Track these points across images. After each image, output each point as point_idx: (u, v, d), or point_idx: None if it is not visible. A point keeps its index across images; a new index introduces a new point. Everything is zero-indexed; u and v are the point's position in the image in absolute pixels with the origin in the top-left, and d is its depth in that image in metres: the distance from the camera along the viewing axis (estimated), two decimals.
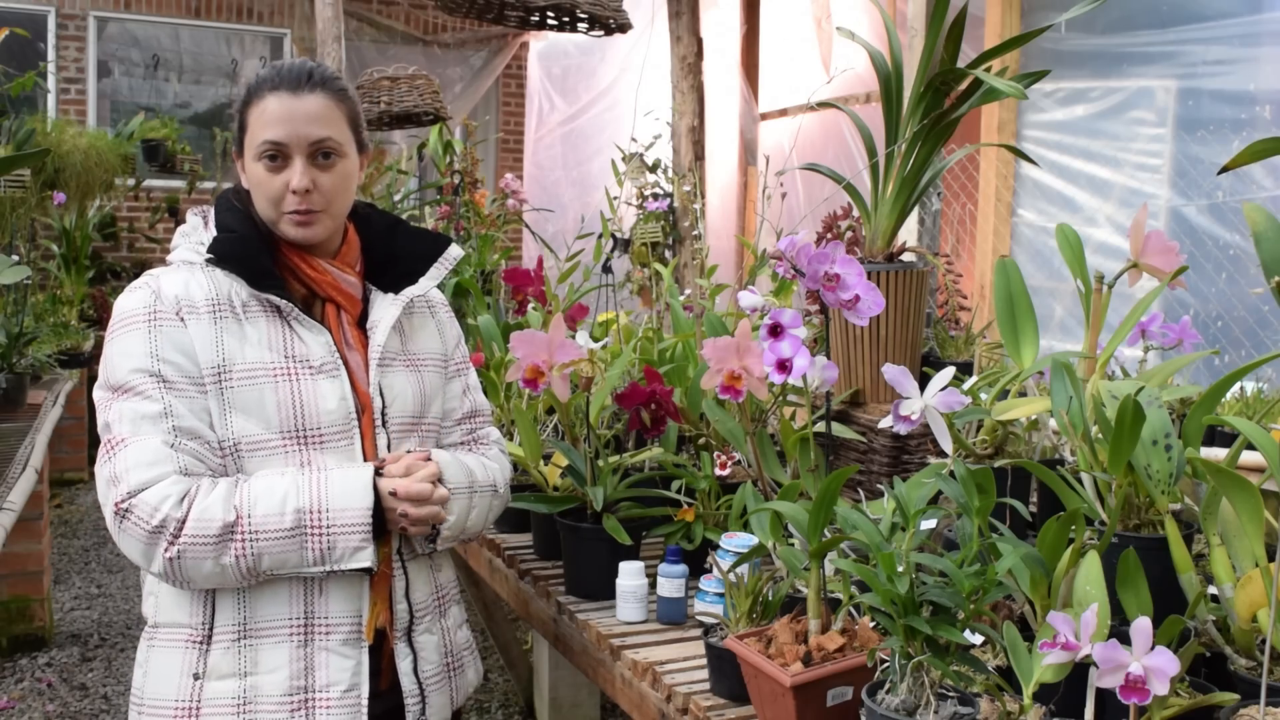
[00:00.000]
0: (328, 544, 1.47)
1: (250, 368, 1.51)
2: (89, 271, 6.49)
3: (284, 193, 1.53)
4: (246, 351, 1.51)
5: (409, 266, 1.68)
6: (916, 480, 1.35)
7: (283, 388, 1.52)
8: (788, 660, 1.33)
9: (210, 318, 1.51)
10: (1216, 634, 1.26)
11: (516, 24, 4.27)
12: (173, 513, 1.42)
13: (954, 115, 2.25)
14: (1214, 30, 3.66)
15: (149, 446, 1.44)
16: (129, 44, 7.46)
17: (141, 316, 1.50)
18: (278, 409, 1.51)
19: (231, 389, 1.50)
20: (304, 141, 1.52)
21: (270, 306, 1.55)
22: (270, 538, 1.45)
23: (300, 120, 1.52)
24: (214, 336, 1.50)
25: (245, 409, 1.50)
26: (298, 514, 1.46)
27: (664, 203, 5.00)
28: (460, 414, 1.74)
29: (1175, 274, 1.55)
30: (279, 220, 1.55)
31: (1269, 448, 1.21)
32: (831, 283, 1.51)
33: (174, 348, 1.48)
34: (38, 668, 3.74)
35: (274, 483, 1.47)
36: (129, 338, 1.49)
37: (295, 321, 1.55)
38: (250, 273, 1.53)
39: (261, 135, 1.52)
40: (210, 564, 1.44)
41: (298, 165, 1.52)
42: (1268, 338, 3.29)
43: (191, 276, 1.54)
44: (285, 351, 1.53)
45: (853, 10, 5.41)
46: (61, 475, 5.92)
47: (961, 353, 2.73)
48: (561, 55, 7.77)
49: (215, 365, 1.49)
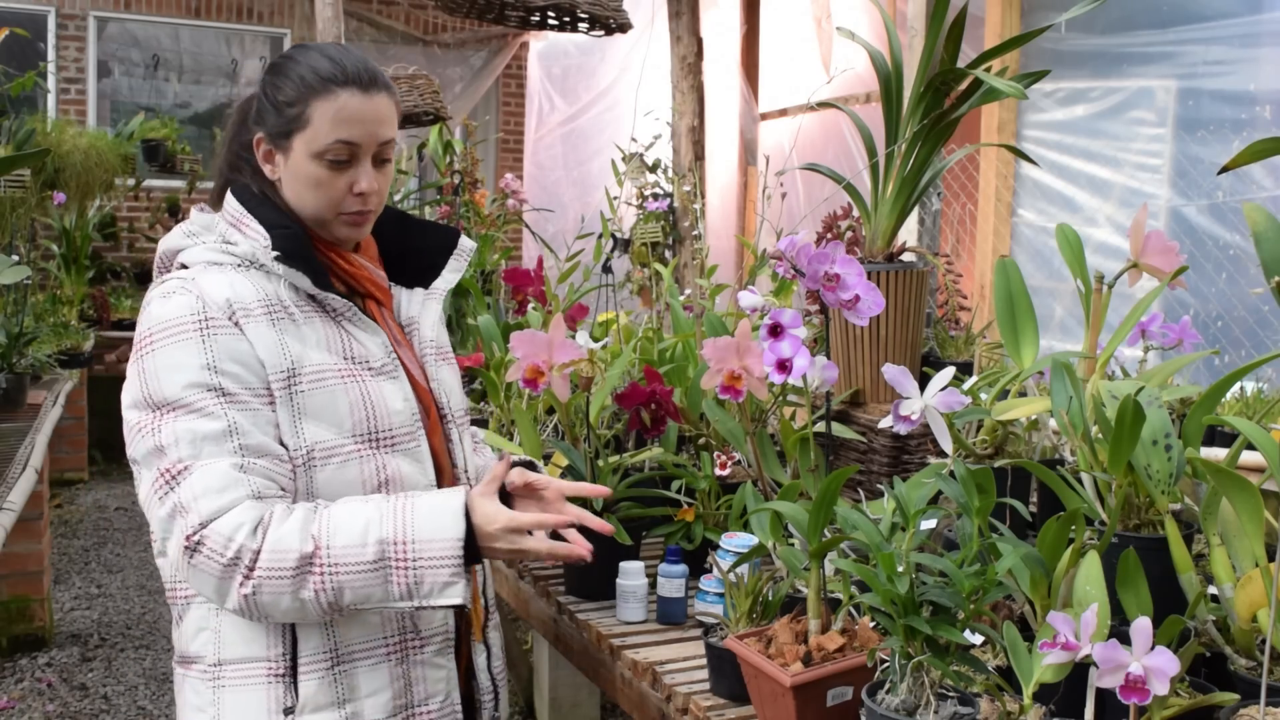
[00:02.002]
0: (414, 578, 1.33)
1: (318, 369, 1.41)
2: (89, 271, 6.49)
3: (345, 194, 1.45)
4: (310, 354, 1.41)
5: (427, 260, 1.62)
6: (916, 480, 1.36)
7: (352, 389, 1.42)
8: (788, 660, 1.33)
9: (267, 319, 1.40)
10: (1216, 634, 1.26)
11: (516, 24, 4.26)
12: (248, 543, 1.30)
13: (954, 115, 2.25)
14: (1214, 30, 3.66)
15: (216, 470, 1.31)
16: (129, 44, 7.46)
17: (190, 324, 1.36)
18: (350, 412, 1.41)
19: (302, 393, 1.39)
20: (374, 143, 1.45)
21: (321, 308, 1.46)
22: (351, 571, 1.32)
23: (372, 121, 1.44)
24: (276, 339, 1.39)
25: (317, 414, 1.40)
26: (381, 545, 1.32)
27: (664, 203, 5.00)
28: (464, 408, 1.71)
29: (1175, 274, 1.55)
30: (332, 221, 1.47)
31: (1269, 448, 1.21)
32: (831, 283, 1.51)
33: (232, 357, 1.36)
34: (38, 668, 3.74)
35: (355, 510, 1.35)
36: (177, 349, 1.35)
37: (349, 322, 1.47)
38: (314, 271, 1.44)
39: (334, 134, 1.42)
40: (289, 599, 1.32)
41: (365, 167, 1.45)
42: (1268, 338, 3.29)
43: (235, 277, 1.42)
44: (344, 353, 1.45)
45: (853, 10, 5.41)
46: (61, 475, 5.91)
47: (961, 353, 2.73)
48: (561, 55, 7.77)
49: (283, 369, 1.38)
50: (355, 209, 1.46)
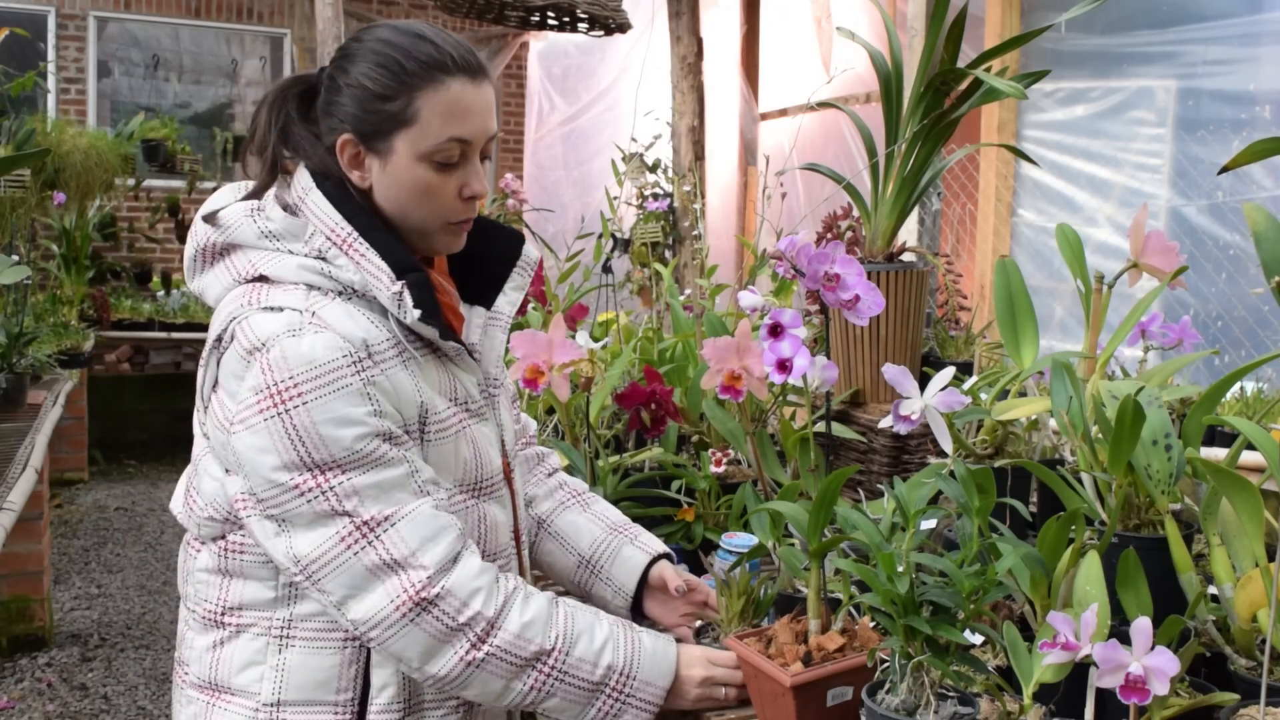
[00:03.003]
0: (616, 710, 1.30)
1: (443, 417, 1.30)
2: (89, 271, 6.49)
3: (455, 200, 1.28)
4: (434, 398, 1.29)
5: (490, 272, 1.43)
6: (916, 480, 1.35)
7: (463, 439, 1.32)
8: (788, 660, 1.33)
9: (399, 361, 1.26)
10: (1216, 634, 1.26)
11: (516, 24, 4.27)
12: (485, 610, 1.22)
13: (954, 115, 2.25)
14: (1214, 30, 3.66)
15: (422, 518, 1.22)
16: (129, 44, 7.46)
17: (345, 368, 1.20)
18: (464, 464, 1.32)
19: (430, 442, 1.28)
20: (484, 139, 1.28)
21: (430, 346, 1.31)
22: (574, 683, 1.27)
23: (484, 113, 1.26)
24: (411, 383, 1.26)
25: (439, 464, 1.29)
26: (609, 671, 1.29)
27: (664, 203, 5.00)
28: (517, 428, 1.57)
29: (1175, 274, 1.55)
30: (438, 231, 1.30)
31: (1269, 448, 1.21)
32: (831, 283, 1.51)
33: (388, 400, 1.23)
34: (38, 668, 3.74)
35: (596, 624, 1.30)
36: (338, 400, 1.19)
37: (452, 362, 1.34)
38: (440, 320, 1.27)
39: (447, 130, 1.24)
40: (502, 683, 1.25)
41: (475, 167, 1.28)
42: (1268, 338, 3.29)
43: (349, 309, 1.25)
44: (452, 395, 1.32)
45: (853, 10, 5.41)
46: (61, 475, 5.91)
47: (961, 353, 2.73)
48: (561, 55, 7.77)
49: (419, 415, 1.27)
50: (463, 217, 1.30)
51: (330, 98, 1.27)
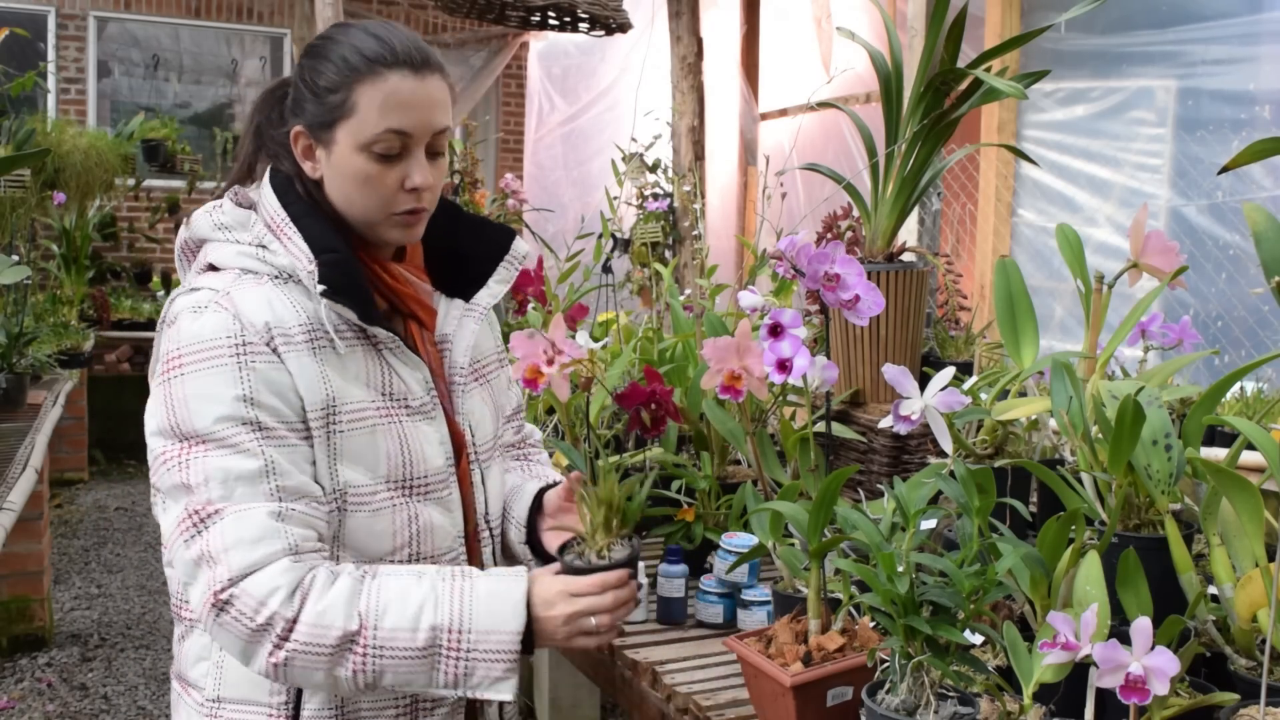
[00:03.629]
0: (464, 669, 1.23)
1: (358, 408, 1.28)
2: (89, 271, 6.50)
3: (396, 191, 1.29)
4: (351, 389, 1.28)
5: (475, 268, 1.45)
6: (916, 480, 1.35)
7: (389, 432, 1.30)
8: (788, 660, 1.33)
9: (308, 348, 1.26)
10: (1216, 634, 1.26)
11: (517, 24, 4.27)
12: (282, 610, 1.18)
13: (954, 115, 2.25)
14: (1214, 30, 3.66)
15: (252, 520, 1.19)
16: (129, 44, 7.46)
17: (225, 348, 1.22)
18: (386, 458, 1.29)
19: (340, 433, 1.26)
20: (428, 132, 1.29)
21: (364, 336, 1.31)
22: (397, 655, 1.21)
23: (425, 107, 1.28)
24: (317, 370, 1.25)
25: (354, 457, 1.27)
26: (434, 632, 1.22)
27: (664, 203, 5.00)
28: (510, 408, 1.58)
29: (1175, 274, 1.55)
30: (382, 222, 1.32)
31: (1269, 448, 1.21)
32: (831, 283, 1.51)
33: (270, 389, 1.22)
34: (38, 668, 3.74)
35: (408, 588, 1.23)
36: (211, 376, 1.21)
37: (391, 354, 1.33)
38: (361, 303, 1.28)
39: (383, 122, 1.26)
40: (323, 674, 1.21)
41: (419, 159, 1.29)
42: (1268, 338, 3.29)
43: (272, 294, 1.27)
44: (383, 388, 1.31)
45: (853, 10, 5.41)
46: (61, 475, 5.91)
47: (961, 353, 2.73)
48: (561, 55, 7.77)
49: (323, 405, 1.25)
50: (408, 207, 1.31)
51: (292, 95, 1.34)
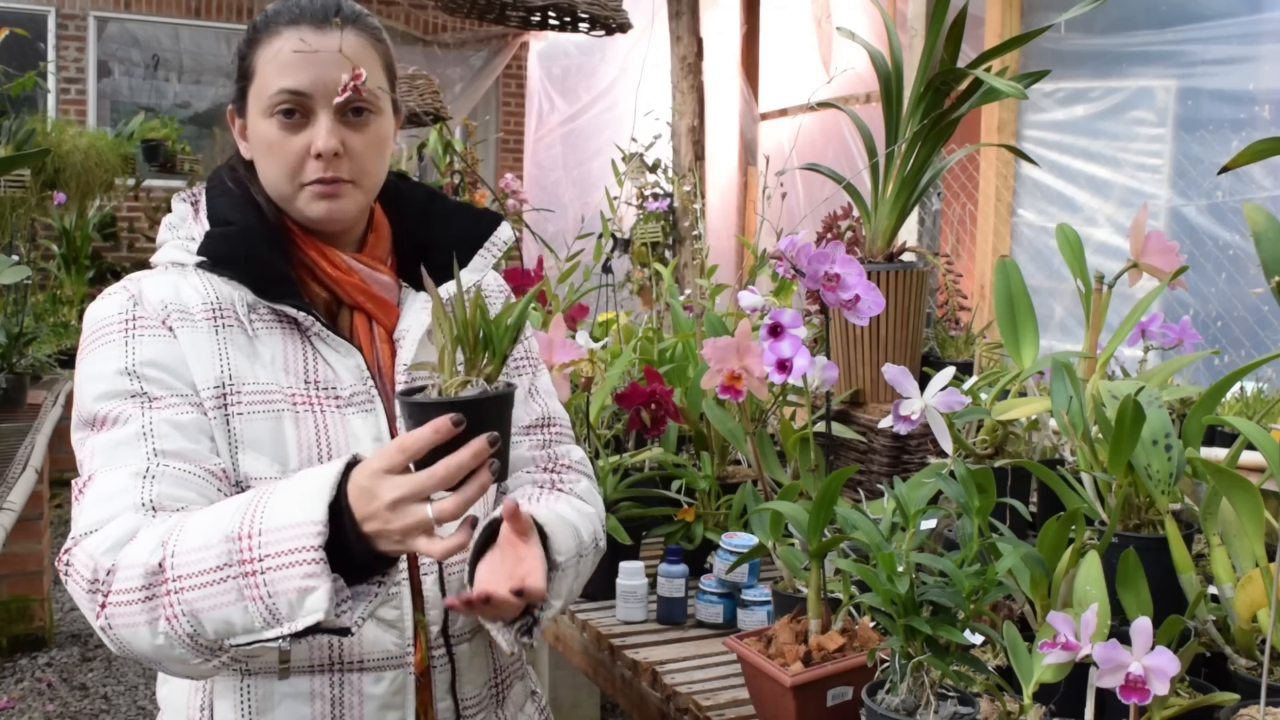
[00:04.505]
0: (265, 589, 0.97)
1: (264, 389, 1.17)
2: (89, 271, 6.50)
3: (304, 158, 1.19)
4: (258, 371, 1.17)
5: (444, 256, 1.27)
6: (916, 480, 1.35)
7: (305, 420, 1.17)
8: (788, 660, 1.33)
9: (210, 326, 1.17)
10: (1216, 634, 1.26)
11: (517, 24, 4.26)
12: (103, 560, 1.03)
13: (954, 115, 2.25)
14: (1214, 30, 3.66)
15: (112, 478, 1.08)
16: (129, 44, 7.46)
17: (115, 325, 1.16)
18: (299, 446, 1.16)
19: (240, 415, 1.15)
20: (332, 90, 1.17)
21: (286, 319, 1.21)
22: (198, 584, 0.99)
23: (328, 63, 1.17)
24: (214, 349, 1.16)
25: (256, 443, 1.15)
26: (227, 542, 0.98)
27: (664, 203, 5.00)
28: (528, 421, 1.36)
29: (1175, 274, 1.55)
30: (295, 195, 1.21)
31: (1269, 448, 1.21)
32: (831, 283, 1.51)
33: (158, 359, 1.14)
34: (38, 668, 3.74)
35: (225, 505, 1.04)
36: (101, 354, 1.15)
37: (318, 339, 1.21)
38: (256, 277, 1.18)
39: (275, 82, 1.18)
40: (147, 631, 1.01)
41: (323, 122, 1.18)
42: (1268, 338, 3.29)
43: (182, 280, 1.21)
44: (305, 376, 1.20)
45: (853, 10, 5.41)
46: (61, 475, 5.90)
47: (961, 353, 2.73)
48: (561, 55, 7.77)
49: (217, 383, 1.15)
50: (317, 175, 1.19)
51: None
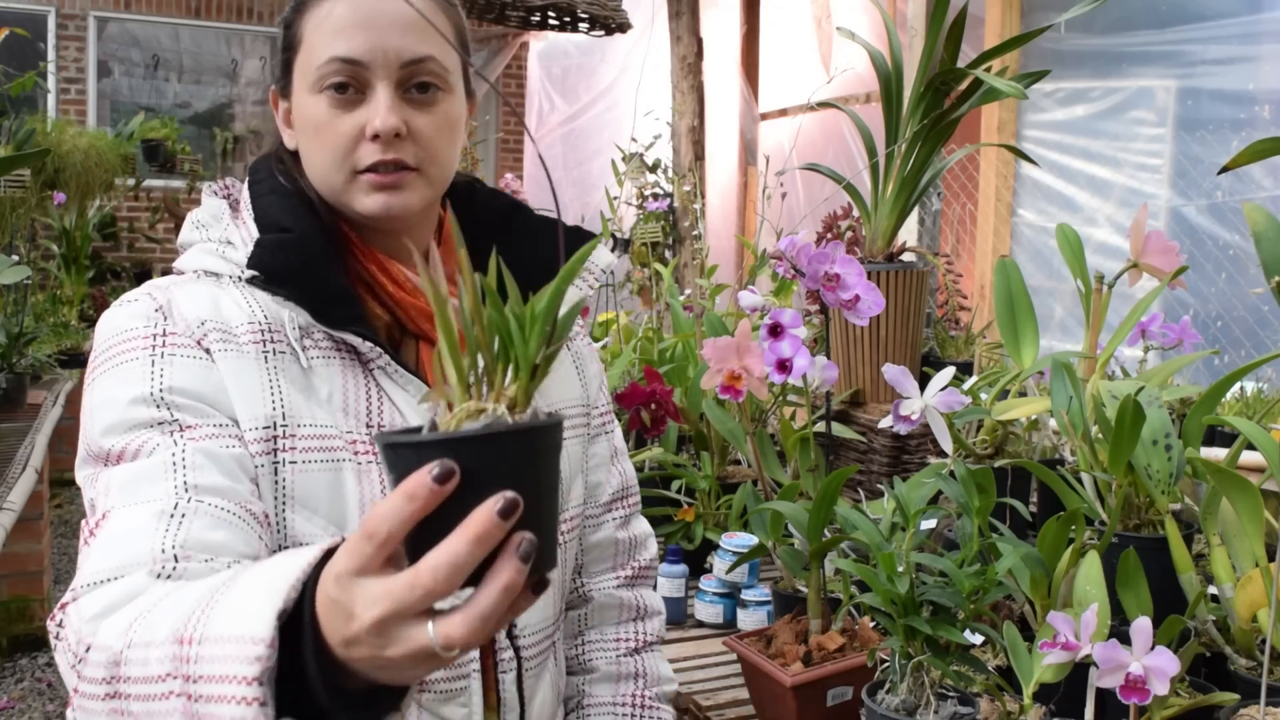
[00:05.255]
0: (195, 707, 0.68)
1: (323, 434, 0.96)
2: (89, 271, 6.50)
3: (357, 140, 0.99)
4: (315, 411, 0.97)
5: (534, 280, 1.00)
6: (916, 480, 1.35)
7: (368, 474, 0.97)
8: (788, 660, 1.33)
9: (256, 351, 0.96)
10: (1216, 634, 1.26)
11: (517, 24, 4.26)
12: (85, 631, 0.79)
13: (954, 115, 2.25)
14: (1214, 30, 3.66)
15: (131, 516, 0.86)
16: (129, 44, 7.46)
17: (139, 342, 0.95)
18: (360, 507, 0.96)
19: (292, 465, 0.94)
20: (394, 60, 0.98)
21: (345, 348, 1.00)
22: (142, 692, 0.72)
23: (388, 28, 0.98)
24: (263, 379, 0.95)
25: (310, 499, 0.95)
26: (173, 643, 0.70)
27: (664, 203, 5.00)
28: (610, 492, 1.22)
29: (1175, 274, 1.55)
30: (346, 186, 1.00)
31: (1269, 448, 1.21)
32: (831, 283, 1.50)
33: (192, 383, 0.93)
34: (38, 668, 3.74)
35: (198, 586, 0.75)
36: (121, 375, 0.93)
37: (382, 374, 1.01)
38: (316, 297, 0.98)
39: (326, 49, 0.98)
40: None
41: (381, 97, 0.98)
42: (1268, 338, 3.29)
43: (220, 292, 1.00)
44: (368, 419, 0.99)
45: (853, 10, 5.41)
46: (61, 475, 5.90)
47: (961, 353, 2.73)
48: (561, 55, 7.77)
49: (266, 422, 0.94)
50: (375, 159, 0.98)
51: None
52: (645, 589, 1.28)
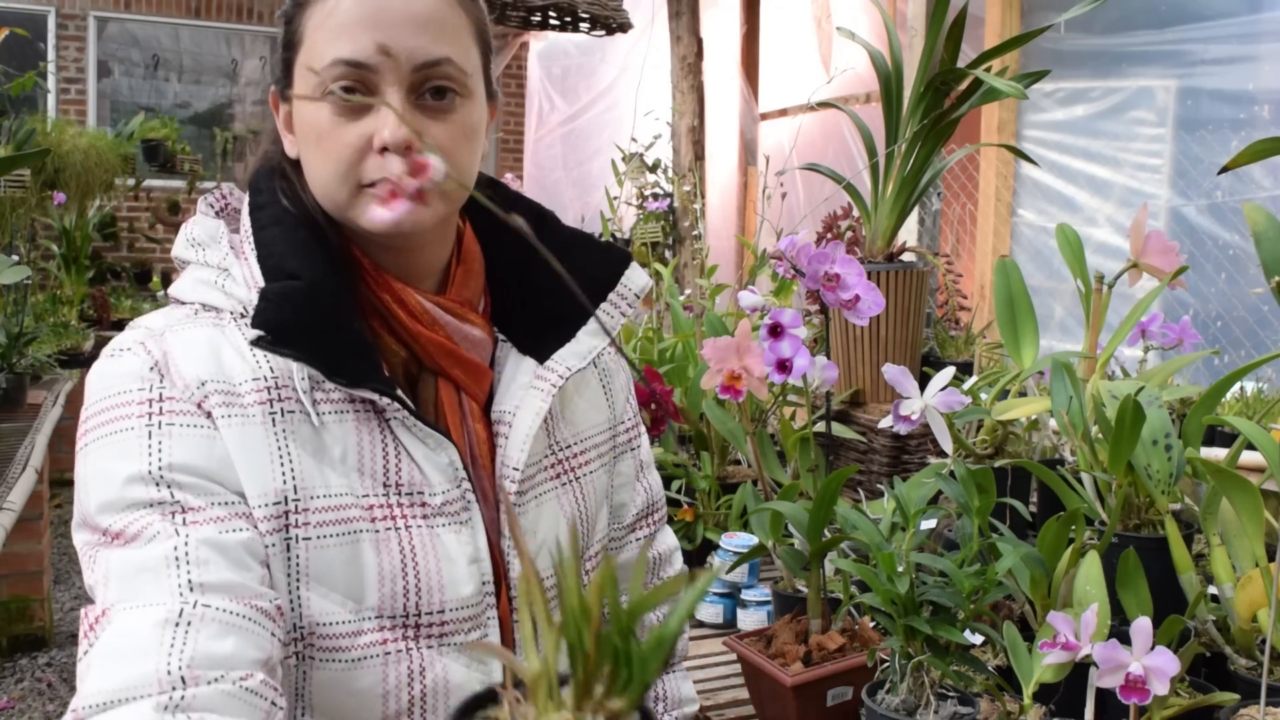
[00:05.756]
0: None
1: (337, 504, 0.88)
2: (89, 271, 6.50)
3: (364, 152, 0.88)
4: (328, 476, 0.88)
5: (560, 308, 0.99)
6: (916, 480, 1.35)
7: (387, 542, 0.89)
8: (788, 660, 1.33)
9: (263, 414, 0.87)
10: (1216, 634, 1.26)
11: (517, 24, 4.26)
12: None
13: (954, 115, 2.25)
14: (1214, 30, 3.66)
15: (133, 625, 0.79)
16: (129, 44, 7.46)
17: (133, 409, 0.86)
18: (379, 580, 0.88)
19: (306, 540, 0.87)
20: (406, 63, 0.88)
21: (360, 399, 0.91)
22: None
23: (399, 25, 0.87)
24: (271, 449, 0.87)
25: (326, 576, 0.87)
26: None
27: (664, 203, 5.00)
28: (635, 512, 1.14)
29: (1175, 274, 1.55)
30: (350, 202, 0.90)
31: (1269, 448, 1.21)
32: (831, 283, 1.50)
33: (194, 458, 0.85)
34: (38, 668, 3.74)
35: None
36: (113, 447, 0.85)
37: (400, 426, 0.92)
38: (330, 355, 0.87)
39: (330, 50, 0.88)
40: None
41: (392, 104, 0.88)
42: (1268, 338, 3.29)
43: (221, 338, 0.90)
44: (385, 478, 0.90)
45: (853, 10, 5.41)
46: (61, 475, 5.90)
47: (961, 353, 2.73)
48: (561, 55, 7.77)
49: (277, 497, 0.86)
50: (379, 175, 0.88)
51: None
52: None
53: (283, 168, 0.97)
